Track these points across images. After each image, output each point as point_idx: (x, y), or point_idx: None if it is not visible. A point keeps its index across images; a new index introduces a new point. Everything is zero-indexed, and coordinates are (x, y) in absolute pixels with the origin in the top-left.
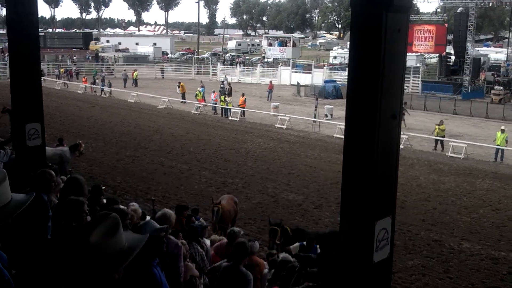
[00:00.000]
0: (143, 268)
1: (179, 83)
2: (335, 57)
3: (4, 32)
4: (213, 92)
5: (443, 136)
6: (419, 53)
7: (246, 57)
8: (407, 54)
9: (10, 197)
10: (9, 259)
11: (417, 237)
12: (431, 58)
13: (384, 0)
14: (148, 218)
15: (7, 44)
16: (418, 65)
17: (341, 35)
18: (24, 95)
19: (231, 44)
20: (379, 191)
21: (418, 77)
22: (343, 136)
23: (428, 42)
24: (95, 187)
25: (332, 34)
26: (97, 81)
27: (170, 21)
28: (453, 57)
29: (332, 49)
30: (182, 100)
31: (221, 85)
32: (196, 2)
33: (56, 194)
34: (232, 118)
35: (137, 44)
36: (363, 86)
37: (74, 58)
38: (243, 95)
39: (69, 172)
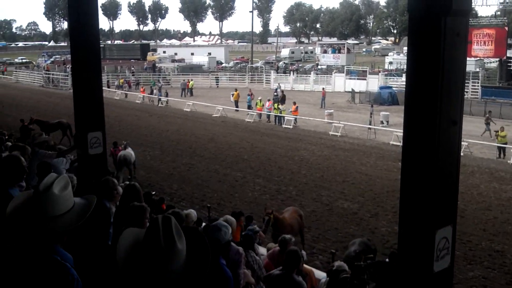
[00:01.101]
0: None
1: (236, 90)
2: (390, 62)
3: (66, 44)
4: (268, 100)
5: (506, 143)
6: (478, 58)
7: (300, 65)
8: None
9: (73, 203)
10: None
11: (478, 248)
12: (490, 62)
13: (443, 3)
14: (203, 224)
15: (68, 56)
16: (478, 70)
17: (397, 40)
18: (86, 105)
19: (285, 52)
20: (440, 199)
21: (478, 82)
22: (400, 144)
23: (487, 46)
24: (146, 194)
25: (387, 40)
26: (154, 91)
27: (225, 31)
28: None
29: (387, 55)
30: (236, 109)
31: (275, 93)
32: (250, 12)
33: (115, 202)
34: (286, 126)
35: (192, 54)
36: (422, 92)
37: (133, 69)
38: (294, 103)
39: (128, 180)
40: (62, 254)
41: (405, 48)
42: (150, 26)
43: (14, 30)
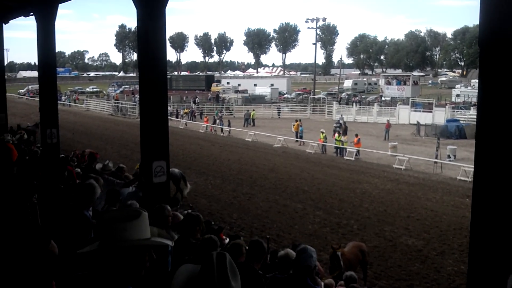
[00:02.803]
0: None
1: (296, 121)
2: (458, 95)
3: (135, 74)
4: (334, 132)
5: None
6: None
7: (363, 96)
8: None
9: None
10: None
11: None
12: None
13: None
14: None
15: (136, 86)
16: None
17: (464, 72)
18: (152, 134)
19: (347, 84)
20: None
21: None
22: (468, 179)
23: None
24: (207, 223)
25: (454, 72)
26: (217, 121)
27: (287, 62)
28: None
29: (454, 87)
30: (297, 139)
31: (335, 124)
32: (313, 44)
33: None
34: (348, 158)
35: (255, 85)
36: (495, 127)
37: (196, 99)
38: (356, 135)
39: (191, 208)
40: None
41: (473, 81)
42: (215, 58)
43: (86, 60)
